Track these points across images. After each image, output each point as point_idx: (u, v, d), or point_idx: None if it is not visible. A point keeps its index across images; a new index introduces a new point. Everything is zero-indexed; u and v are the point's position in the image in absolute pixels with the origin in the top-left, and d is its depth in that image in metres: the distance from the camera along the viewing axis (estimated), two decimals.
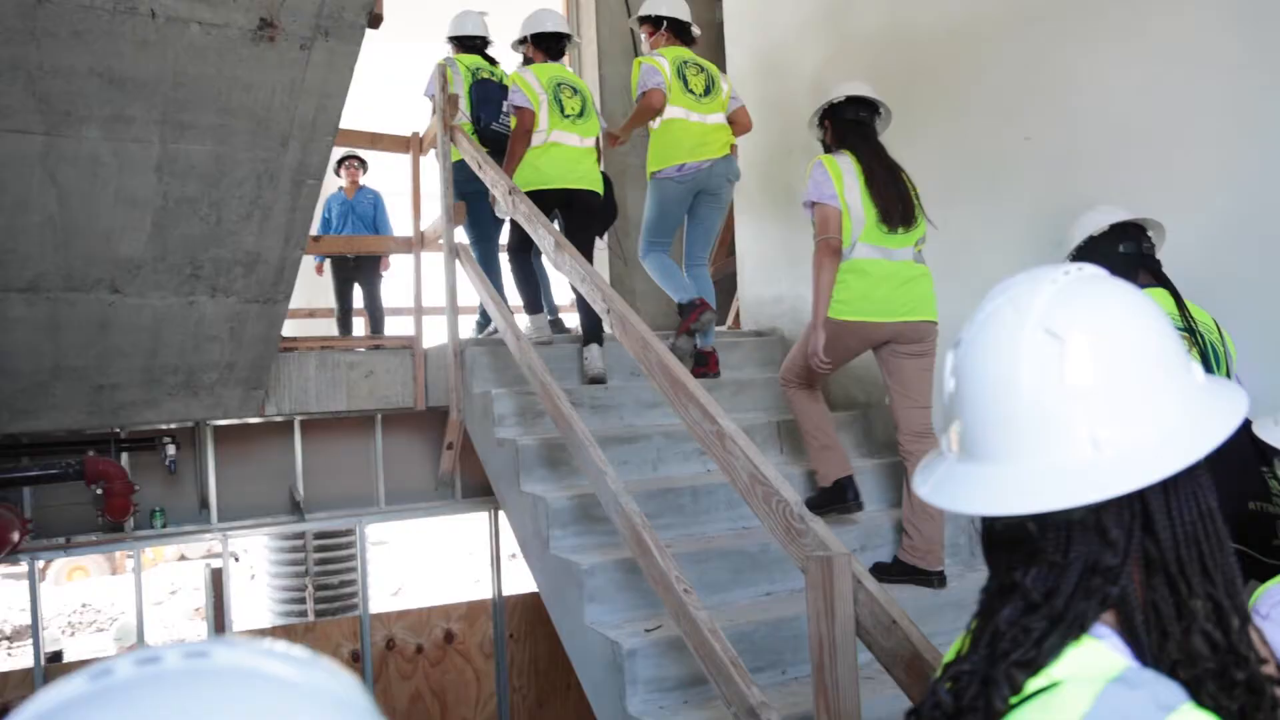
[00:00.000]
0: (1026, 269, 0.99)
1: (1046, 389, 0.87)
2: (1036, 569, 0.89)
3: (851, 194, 3.36)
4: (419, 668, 5.41)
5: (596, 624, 3.07)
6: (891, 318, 3.40)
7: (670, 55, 4.53)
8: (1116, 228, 2.96)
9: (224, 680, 0.52)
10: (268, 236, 3.43)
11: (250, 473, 4.90)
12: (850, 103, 3.54)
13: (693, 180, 4.44)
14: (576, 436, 3.09)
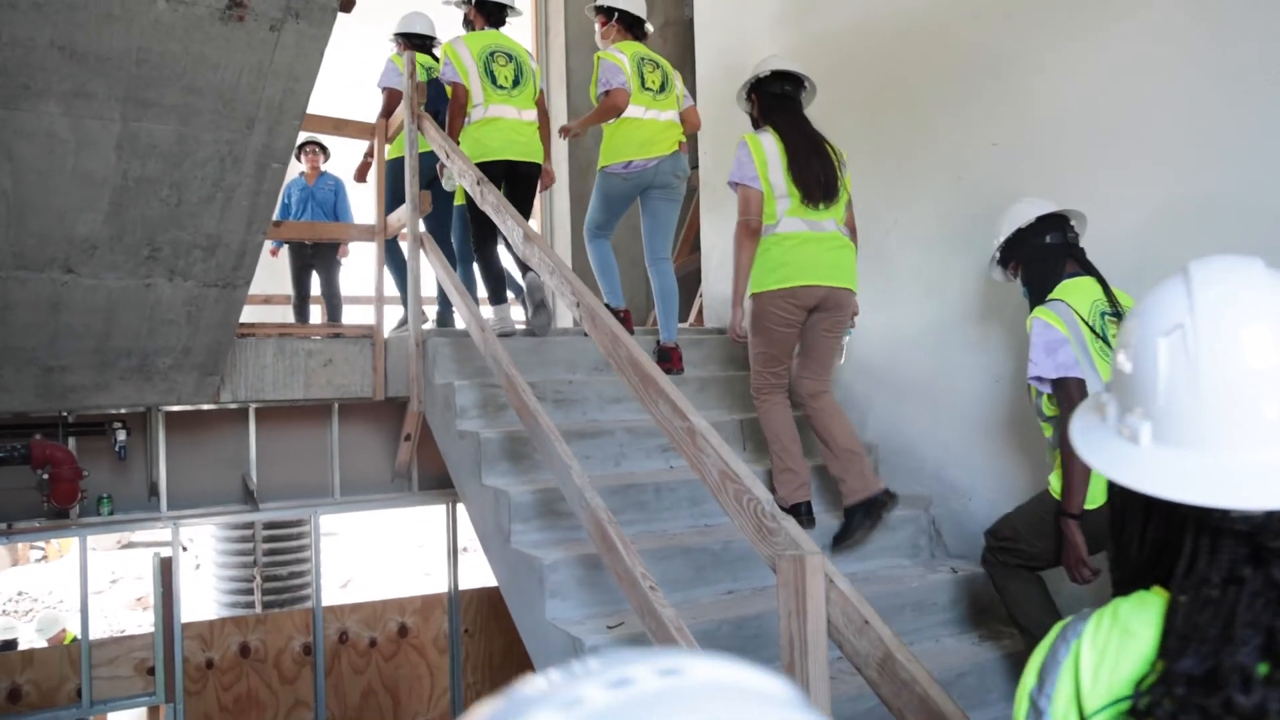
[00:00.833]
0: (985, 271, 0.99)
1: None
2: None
3: (775, 173, 3.49)
4: (372, 662, 5.34)
5: (558, 620, 3.05)
6: (821, 281, 3.51)
7: (629, 51, 4.57)
8: (1042, 219, 3.08)
9: (719, 695, 0.46)
10: (229, 220, 3.35)
11: (202, 460, 4.80)
12: (776, 77, 3.65)
13: (638, 178, 4.52)
14: (542, 430, 3.07)
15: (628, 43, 4.65)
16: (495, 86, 4.67)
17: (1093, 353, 2.82)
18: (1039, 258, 3.08)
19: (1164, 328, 0.97)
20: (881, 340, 4.24)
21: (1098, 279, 2.96)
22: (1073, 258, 3.04)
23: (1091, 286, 2.94)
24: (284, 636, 5.14)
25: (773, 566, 1.94)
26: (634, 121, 4.51)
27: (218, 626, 5.09)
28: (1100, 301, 2.90)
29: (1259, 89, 2.83)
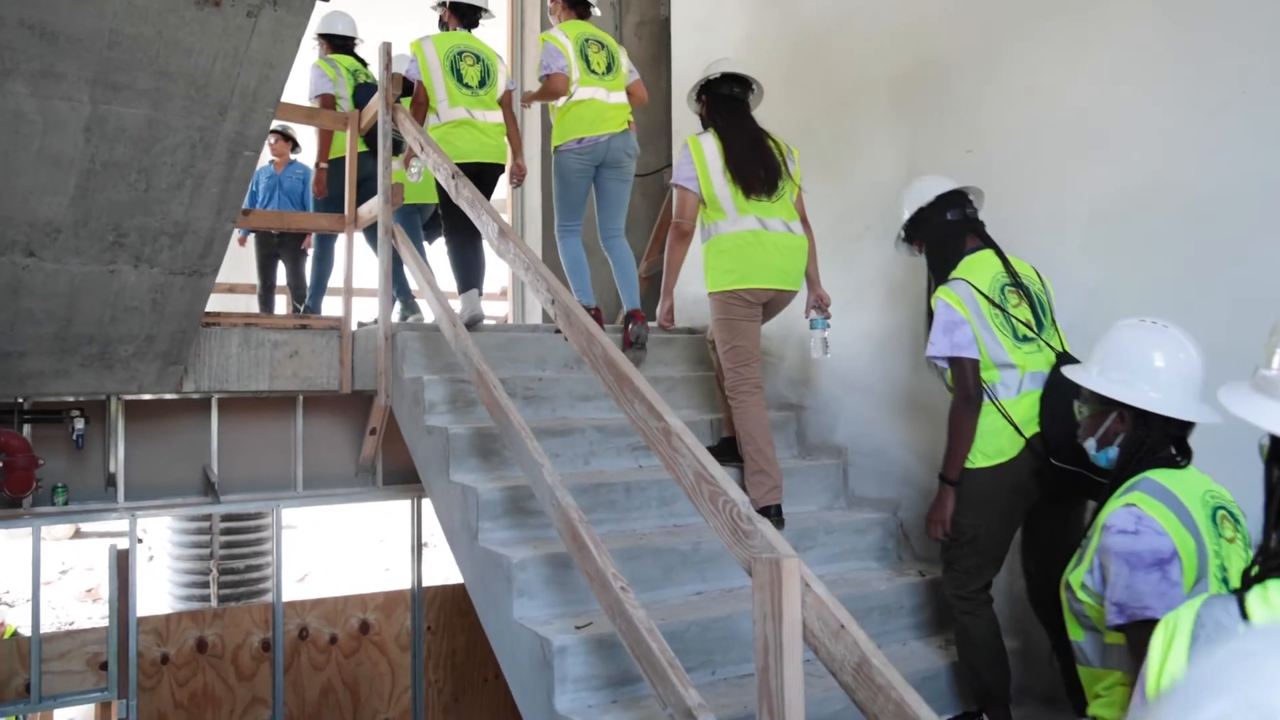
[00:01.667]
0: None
1: None
2: None
3: (715, 173, 3.63)
4: (332, 659, 5.28)
5: (525, 620, 3.03)
6: (770, 284, 3.66)
7: (573, 33, 4.69)
8: (942, 197, 3.20)
9: None
10: (198, 207, 3.29)
11: (162, 451, 4.71)
12: (726, 79, 3.78)
13: (591, 153, 4.62)
14: (512, 427, 3.05)
15: (573, 22, 4.77)
16: (461, 86, 4.77)
17: (992, 325, 2.96)
18: (941, 234, 3.20)
19: None
20: (852, 345, 4.26)
21: (996, 251, 3.09)
22: (974, 232, 3.18)
23: (991, 260, 3.07)
24: (242, 632, 5.07)
25: (748, 569, 1.93)
26: (583, 103, 4.62)
27: (174, 621, 5.00)
28: (1000, 274, 3.03)
29: (1234, 101, 2.87)
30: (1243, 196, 2.85)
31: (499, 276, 7.92)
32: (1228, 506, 2.10)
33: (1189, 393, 2.14)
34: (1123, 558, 1.96)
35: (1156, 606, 1.90)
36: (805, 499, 4.07)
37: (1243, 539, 2.07)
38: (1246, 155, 2.84)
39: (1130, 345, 2.21)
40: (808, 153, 4.45)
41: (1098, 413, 2.25)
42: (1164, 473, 2.09)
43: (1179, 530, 1.96)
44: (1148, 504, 1.99)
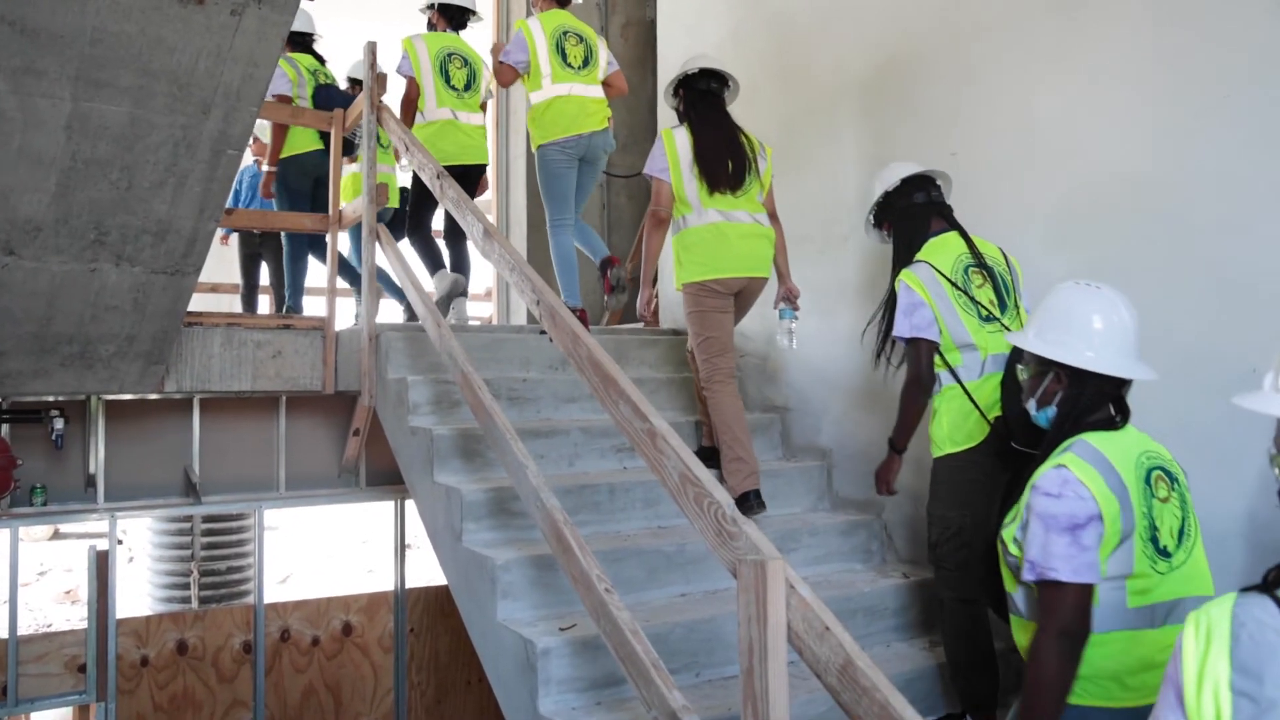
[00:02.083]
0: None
1: None
2: None
3: (686, 166, 3.73)
4: (314, 661, 5.25)
5: (509, 621, 3.03)
6: (741, 273, 3.75)
7: (551, 24, 4.66)
8: (908, 181, 3.29)
9: None
10: (181, 206, 3.27)
11: (143, 451, 4.67)
12: (703, 75, 3.87)
13: (574, 149, 4.68)
14: (497, 428, 3.04)
15: (553, 12, 4.74)
16: (448, 87, 4.90)
17: (955, 305, 3.05)
18: (907, 216, 3.29)
19: None
20: (837, 346, 4.27)
21: (961, 233, 3.18)
22: (939, 214, 3.26)
23: (955, 241, 3.16)
24: (223, 634, 5.03)
25: (733, 571, 1.93)
26: (562, 100, 4.63)
27: (154, 623, 4.96)
28: (964, 255, 3.12)
29: (1216, 103, 2.90)
30: (1224, 197, 2.87)
31: (483, 277, 7.90)
32: (1165, 466, 2.15)
33: (1124, 351, 2.20)
34: (1041, 518, 2.04)
35: (1061, 569, 1.99)
36: (789, 501, 4.08)
37: (1178, 498, 2.13)
38: (1228, 156, 2.87)
39: (1066, 307, 2.26)
40: (793, 153, 4.47)
41: (1037, 374, 2.30)
42: (1099, 435, 2.13)
43: (1104, 493, 2.02)
44: (1077, 466, 2.05)
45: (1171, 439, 2.36)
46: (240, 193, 6.61)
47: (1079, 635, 2.00)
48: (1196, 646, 1.11)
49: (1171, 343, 2.93)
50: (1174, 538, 2.09)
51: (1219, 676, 1.08)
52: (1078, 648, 2.00)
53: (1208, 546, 2.21)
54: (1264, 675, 1.05)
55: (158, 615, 5.24)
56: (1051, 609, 2.00)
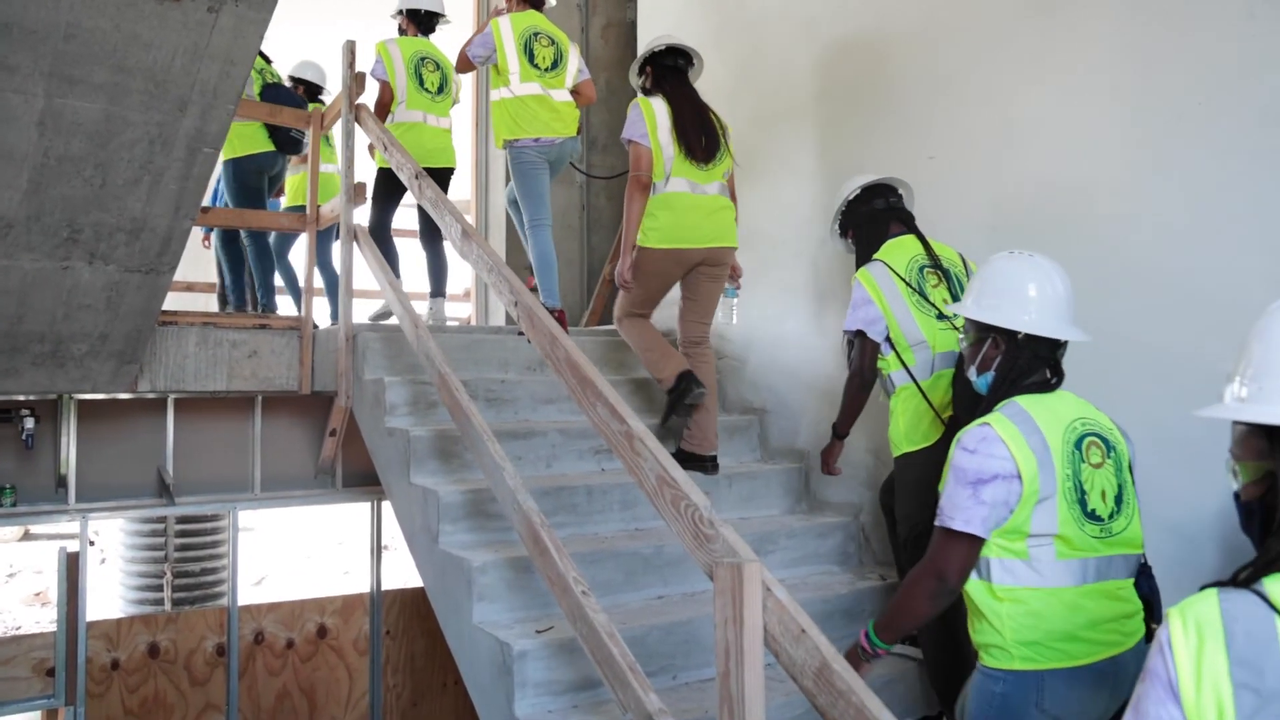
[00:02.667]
0: None
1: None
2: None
3: (663, 133, 3.83)
4: (288, 663, 5.20)
5: (485, 624, 3.01)
6: (701, 244, 3.88)
7: (520, 24, 4.67)
8: (869, 189, 3.45)
9: None
10: (156, 204, 3.23)
11: (115, 451, 4.62)
12: (669, 52, 4.01)
13: (547, 151, 4.71)
14: (474, 430, 3.03)
15: (526, 13, 4.76)
16: (421, 90, 5.05)
17: (908, 303, 3.18)
18: (868, 222, 3.44)
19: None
20: (815, 350, 4.28)
21: (919, 236, 3.31)
22: (897, 219, 3.40)
23: (912, 243, 3.29)
24: (196, 636, 4.98)
25: (709, 574, 1.93)
26: (532, 100, 4.65)
27: (125, 625, 4.90)
28: (919, 256, 3.25)
29: (1190, 111, 2.93)
30: (1198, 202, 2.90)
31: (462, 278, 7.87)
32: (1099, 433, 2.21)
33: (1058, 316, 2.27)
34: (954, 469, 2.15)
35: (956, 519, 2.10)
36: (767, 503, 4.08)
37: (1114, 464, 2.19)
38: (1202, 164, 2.90)
39: (1002, 275, 2.34)
40: (772, 155, 4.49)
41: (976, 340, 2.36)
42: (1031, 397, 2.21)
43: (1024, 451, 2.08)
44: (1000, 424, 2.12)
45: (1145, 440, 2.38)
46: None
47: (953, 583, 2.13)
48: (1188, 643, 1.15)
49: (1145, 345, 2.97)
50: (1106, 502, 2.15)
51: (1218, 671, 1.12)
52: (943, 593, 2.14)
53: (1181, 545, 2.25)
54: (1264, 668, 1.10)
55: (129, 618, 5.18)
56: (936, 551, 2.15)
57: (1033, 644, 2.08)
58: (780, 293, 4.53)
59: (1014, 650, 2.09)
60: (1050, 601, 2.09)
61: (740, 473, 4.06)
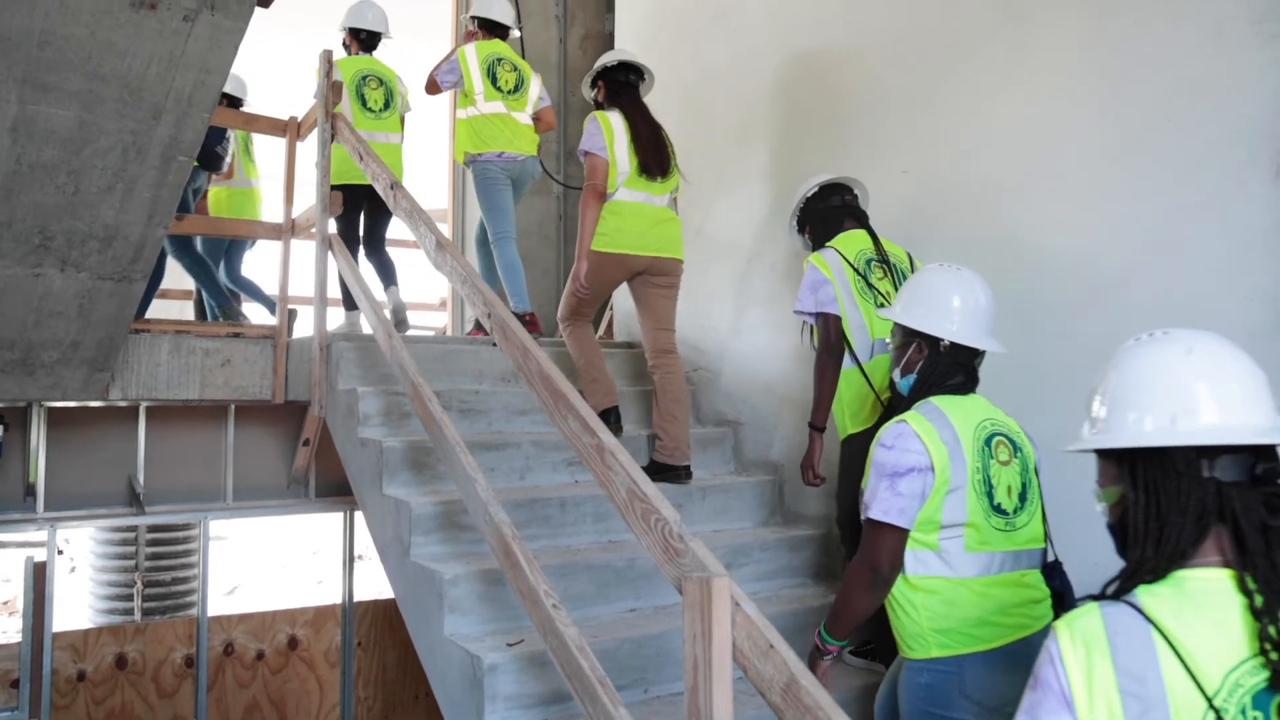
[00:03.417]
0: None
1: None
2: None
3: (620, 147, 3.95)
4: (258, 675, 5.16)
5: (456, 636, 3.01)
6: (645, 252, 3.99)
7: (484, 51, 5.01)
8: (825, 187, 3.64)
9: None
10: (129, 212, 3.22)
11: (86, 460, 4.58)
12: (622, 67, 4.12)
13: (509, 167, 4.97)
14: (446, 441, 3.02)
15: (488, 42, 5.09)
16: (365, 110, 5.19)
17: (854, 291, 3.36)
18: (823, 218, 3.61)
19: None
20: (789, 362, 4.31)
21: (870, 232, 3.50)
22: (851, 216, 3.57)
23: (863, 237, 3.47)
24: (164, 647, 4.93)
25: (678, 588, 1.94)
26: (494, 118, 4.94)
27: (92, 636, 4.84)
28: (868, 250, 3.43)
29: (1157, 126, 2.98)
30: (1167, 221, 2.95)
31: (438, 287, 7.86)
32: (1007, 434, 2.39)
33: (978, 327, 2.46)
34: (874, 465, 2.31)
35: (875, 510, 2.26)
36: (740, 515, 4.10)
37: (1020, 462, 2.38)
38: (1169, 179, 2.95)
39: (930, 286, 2.50)
40: (747, 169, 4.53)
41: (902, 344, 2.53)
42: (947, 398, 2.38)
43: (937, 444, 2.26)
44: (916, 420, 2.30)
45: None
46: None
47: (885, 573, 2.26)
48: (1076, 655, 1.25)
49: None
50: (1011, 498, 2.33)
51: (1107, 681, 1.22)
52: (879, 583, 2.27)
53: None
54: (1145, 677, 1.21)
55: (96, 628, 5.12)
56: (866, 544, 2.29)
57: (947, 630, 2.24)
58: (755, 306, 4.55)
59: (931, 638, 2.25)
60: (961, 591, 2.25)
61: (714, 485, 4.07)
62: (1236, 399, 1.36)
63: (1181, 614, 1.26)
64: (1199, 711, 1.20)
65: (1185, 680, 1.20)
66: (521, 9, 6.71)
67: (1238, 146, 2.81)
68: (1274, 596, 1.24)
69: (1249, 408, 1.35)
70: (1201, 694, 1.20)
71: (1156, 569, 1.33)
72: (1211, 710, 1.19)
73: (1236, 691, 1.20)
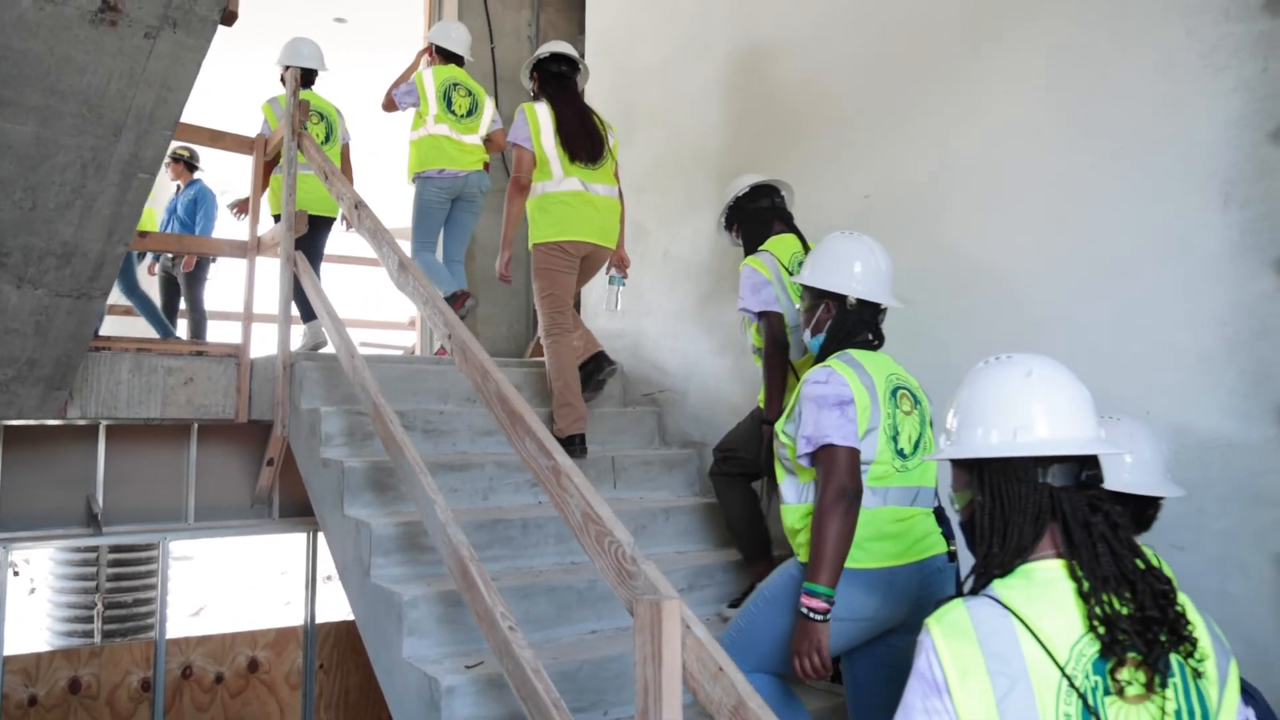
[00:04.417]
0: None
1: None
2: None
3: (547, 137, 4.05)
4: (217, 699, 5.08)
5: (415, 659, 2.98)
6: (588, 238, 4.10)
7: (441, 76, 5.25)
8: (756, 188, 3.76)
9: None
10: (89, 229, 3.20)
11: (42, 479, 4.50)
12: (554, 58, 4.23)
13: (450, 185, 5.18)
14: (407, 462, 3.01)
15: (445, 68, 5.32)
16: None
17: (789, 290, 3.48)
18: (752, 219, 3.74)
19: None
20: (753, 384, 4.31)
21: (798, 235, 3.65)
22: (779, 219, 3.71)
23: (792, 241, 3.62)
24: (120, 671, 4.84)
25: (630, 610, 1.94)
26: (441, 139, 5.16)
27: (45, 660, 4.74)
28: (799, 253, 3.58)
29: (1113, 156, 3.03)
30: (1120, 246, 3.00)
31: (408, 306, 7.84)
32: (909, 387, 2.62)
33: (881, 285, 2.67)
34: (813, 400, 2.47)
35: (834, 435, 2.41)
36: (704, 537, 4.09)
37: (920, 414, 2.62)
38: (1124, 207, 3.00)
39: (834, 250, 2.72)
40: (716, 188, 4.55)
41: (811, 306, 2.74)
42: (859, 351, 2.60)
43: (859, 387, 2.47)
44: (838, 365, 2.51)
45: None
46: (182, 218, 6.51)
47: (855, 492, 2.39)
48: (949, 646, 1.42)
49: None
50: (911, 444, 2.56)
51: (977, 664, 1.39)
52: (855, 504, 2.39)
53: None
54: (1009, 657, 1.39)
55: (49, 652, 5.03)
56: (830, 471, 2.40)
57: None
58: (721, 327, 4.57)
59: None
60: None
61: (678, 506, 4.07)
62: (1066, 415, 1.57)
63: (1032, 601, 1.45)
64: (1054, 681, 1.38)
65: (1042, 656, 1.39)
66: (494, 28, 6.76)
67: (1189, 176, 2.87)
68: (1097, 582, 1.45)
69: (1076, 423, 1.57)
70: (1056, 666, 1.39)
71: (1004, 563, 1.52)
72: (1064, 678, 1.38)
73: (1080, 660, 1.40)
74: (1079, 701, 1.37)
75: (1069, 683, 1.38)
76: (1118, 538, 1.50)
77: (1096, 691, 1.39)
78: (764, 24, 4.46)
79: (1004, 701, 1.37)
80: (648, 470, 4.32)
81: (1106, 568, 1.47)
